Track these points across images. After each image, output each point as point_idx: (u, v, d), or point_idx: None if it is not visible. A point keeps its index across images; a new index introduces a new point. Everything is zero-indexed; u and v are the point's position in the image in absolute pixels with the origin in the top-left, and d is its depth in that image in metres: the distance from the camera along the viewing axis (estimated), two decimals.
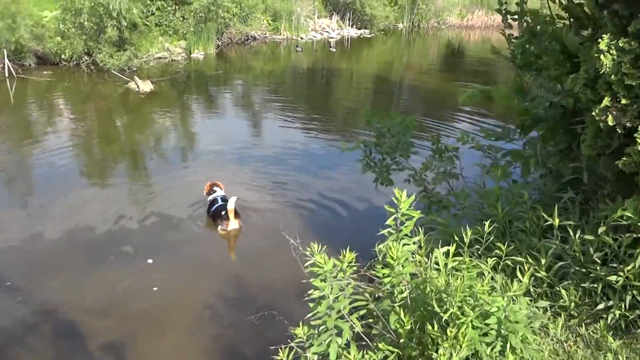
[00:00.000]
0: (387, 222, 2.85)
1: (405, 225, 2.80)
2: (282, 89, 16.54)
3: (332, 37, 25.18)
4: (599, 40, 3.25)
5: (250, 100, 14.78)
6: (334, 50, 22.62)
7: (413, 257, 3.20)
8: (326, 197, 8.14)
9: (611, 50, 3.16)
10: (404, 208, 2.74)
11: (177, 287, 5.76)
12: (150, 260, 6.17)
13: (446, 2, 31.54)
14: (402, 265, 2.66)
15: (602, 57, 3.17)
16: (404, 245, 2.75)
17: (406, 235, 2.80)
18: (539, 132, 5.47)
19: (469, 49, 27.28)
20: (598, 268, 3.40)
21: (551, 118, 4.94)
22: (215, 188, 7.33)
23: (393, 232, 2.82)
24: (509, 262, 3.59)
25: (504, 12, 5.89)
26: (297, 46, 22.20)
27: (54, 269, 5.95)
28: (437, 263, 2.98)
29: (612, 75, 3.15)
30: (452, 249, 2.97)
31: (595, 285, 3.42)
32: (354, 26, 27.06)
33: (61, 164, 8.90)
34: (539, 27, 5.58)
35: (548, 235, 3.80)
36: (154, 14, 17.86)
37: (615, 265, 3.35)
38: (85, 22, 14.44)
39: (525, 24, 5.80)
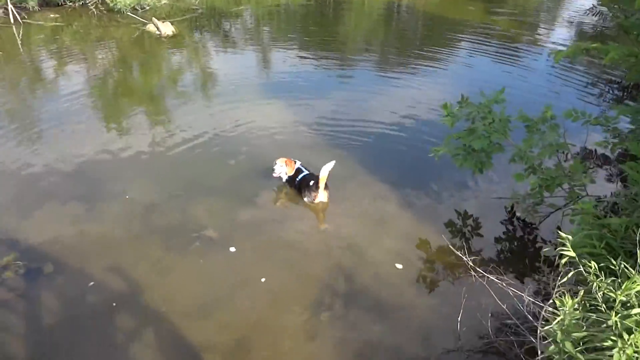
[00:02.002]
0: None
1: None
2: (300, 22, 15.51)
3: None
4: None
5: (283, 38, 13.65)
6: None
7: None
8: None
9: None
10: None
11: (281, 278, 5.17)
12: (232, 249, 5.54)
13: None
14: None
15: None
16: None
17: None
18: None
19: None
20: None
21: None
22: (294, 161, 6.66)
23: None
24: None
25: None
26: None
27: (135, 257, 5.34)
28: None
29: None
30: None
31: None
32: None
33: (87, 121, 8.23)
34: None
35: None
36: None
37: None
38: None
39: None
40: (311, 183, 6.19)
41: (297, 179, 6.42)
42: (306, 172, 6.44)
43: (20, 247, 5.42)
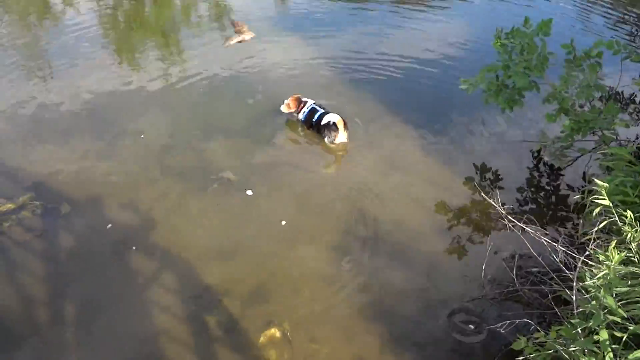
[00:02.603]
0: None
1: None
2: None
3: None
4: None
5: None
6: None
7: None
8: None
9: None
10: None
11: (301, 223, 5.07)
12: (249, 192, 5.39)
13: None
14: None
15: None
16: None
17: None
18: None
19: None
20: None
21: None
22: (304, 99, 6.41)
23: None
24: None
25: None
26: None
27: (152, 198, 5.25)
28: None
29: None
30: None
31: None
32: None
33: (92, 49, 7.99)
34: None
35: None
36: None
37: None
38: None
39: None
40: (331, 123, 5.98)
41: (314, 119, 6.20)
42: (322, 110, 6.20)
43: (36, 186, 5.35)
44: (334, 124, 5.94)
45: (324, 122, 6.06)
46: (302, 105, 6.35)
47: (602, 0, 10.42)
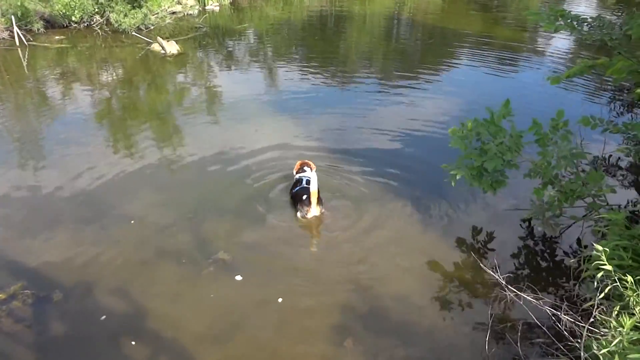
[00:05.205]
0: None
1: None
2: (302, 37, 15.46)
3: None
4: None
5: (287, 54, 13.58)
6: None
7: None
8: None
9: None
10: None
11: (298, 300, 4.95)
12: (239, 277, 5.25)
13: None
14: None
15: None
16: None
17: None
18: None
19: None
20: None
21: None
22: (305, 168, 6.53)
23: None
24: None
25: None
26: None
27: (145, 284, 5.14)
28: None
29: None
30: None
31: None
32: None
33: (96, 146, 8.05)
34: None
35: None
36: None
37: None
38: None
39: None
40: (304, 197, 6.02)
41: (294, 190, 6.26)
42: (305, 185, 6.19)
43: (28, 274, 5.25)
44: (307, 197, 5.96)
45: (298, 195, 6.10)
46: (300, 172, 6.49)
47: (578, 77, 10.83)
